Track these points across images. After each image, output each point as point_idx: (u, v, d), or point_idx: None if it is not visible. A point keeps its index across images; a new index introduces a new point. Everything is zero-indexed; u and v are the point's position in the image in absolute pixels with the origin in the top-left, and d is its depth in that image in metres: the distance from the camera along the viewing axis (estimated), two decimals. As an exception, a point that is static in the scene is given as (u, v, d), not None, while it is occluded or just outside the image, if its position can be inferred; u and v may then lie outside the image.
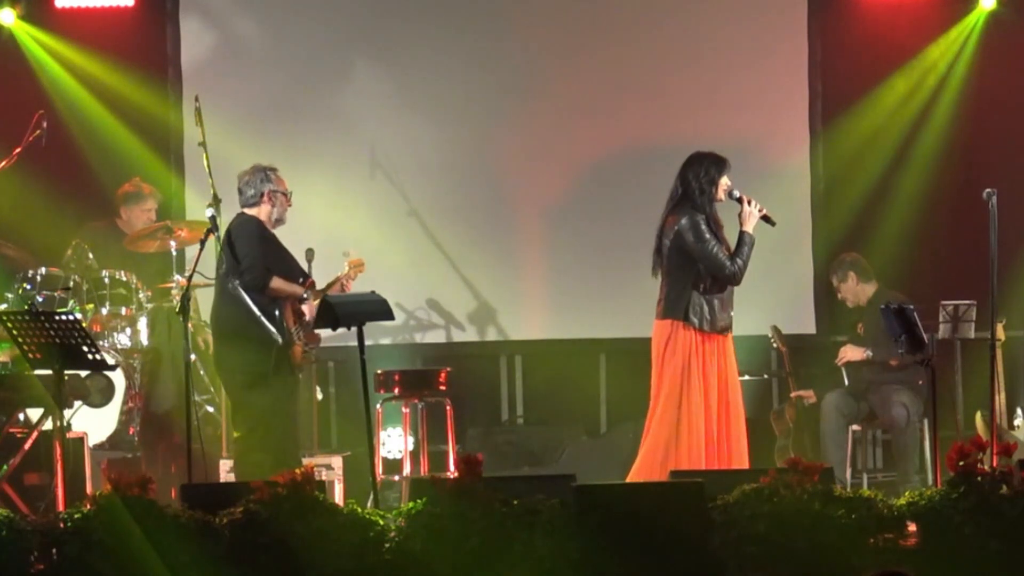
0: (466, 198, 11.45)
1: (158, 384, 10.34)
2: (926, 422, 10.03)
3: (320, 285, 9.10)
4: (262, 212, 8.77)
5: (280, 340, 8.55)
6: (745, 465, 8.48)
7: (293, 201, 8.94)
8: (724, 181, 8.59)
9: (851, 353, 10.38)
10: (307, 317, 8.70)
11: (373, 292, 8.59)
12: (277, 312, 8.59)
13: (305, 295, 8.73)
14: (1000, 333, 9.41)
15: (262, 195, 8.76)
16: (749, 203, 8.59)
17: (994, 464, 7.37)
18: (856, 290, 10.56)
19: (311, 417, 10.26)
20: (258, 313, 8.52)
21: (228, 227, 8.75)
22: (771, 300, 10.92)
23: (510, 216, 11.47)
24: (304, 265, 9.60)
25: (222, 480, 9.45)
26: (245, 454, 8.71)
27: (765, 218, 8.63)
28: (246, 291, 8.53)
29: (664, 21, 11.48)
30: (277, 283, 8.60)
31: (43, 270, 10.08)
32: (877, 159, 11.43)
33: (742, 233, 8.58)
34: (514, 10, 11.51)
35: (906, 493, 7.34)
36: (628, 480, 8.41)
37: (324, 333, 9.23)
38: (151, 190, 10.85)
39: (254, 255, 8.58)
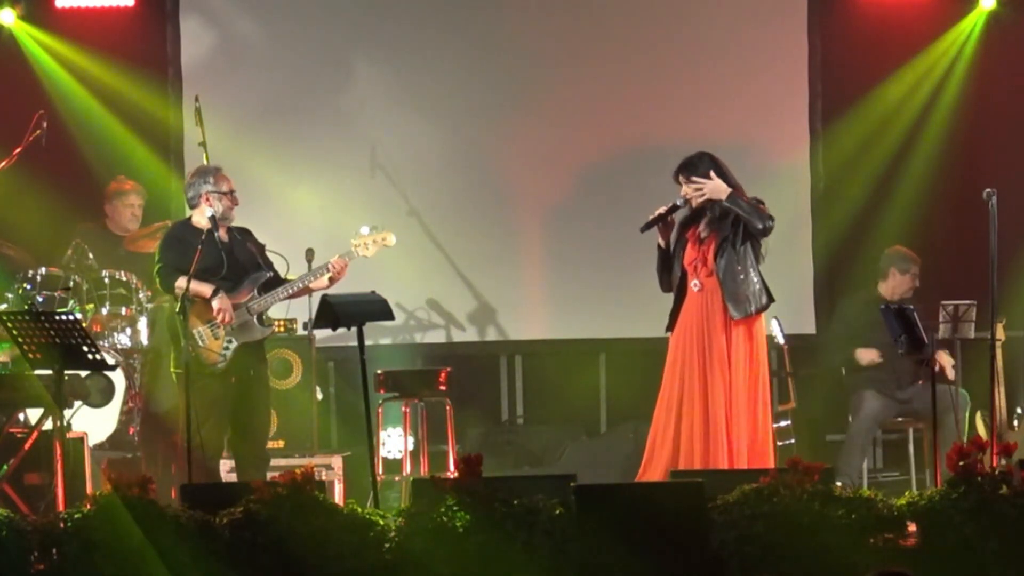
0: (466, 198, 11.45)
1: (158, 384, 10.32)
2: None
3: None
4: (201, 213, 8.83)
5: (184, 341, 8.58)
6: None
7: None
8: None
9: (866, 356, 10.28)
10: (226, 317, 8.68)
11: (373, 292, 8.59)
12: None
13: (214, 294, 8.68)
14: (1000, 333, 9.40)
15: (199, 197, 8.85)
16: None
17: (994, 464, 7.37)
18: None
19: (311, 417, 10.27)
20: (178, 315, 8.60)
21: None
22: (771, 300, 10.90)
23: (510, 216, 11.47)
24: (303, 265, 9.58)
25: (222, 480, 9.44)
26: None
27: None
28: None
29: (664, 22, 11.47)
30: (181, 283, 8.63)
31: (43, 270, 10.09)
32: (877, 159, 11.43)
33: None
34: (515, 11, 11.50)
35: (906, 493, 7.34)
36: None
37: (324, 333, 9.21)
38: (132, 185, 10.86)
39: (159, 258, 8.77)
